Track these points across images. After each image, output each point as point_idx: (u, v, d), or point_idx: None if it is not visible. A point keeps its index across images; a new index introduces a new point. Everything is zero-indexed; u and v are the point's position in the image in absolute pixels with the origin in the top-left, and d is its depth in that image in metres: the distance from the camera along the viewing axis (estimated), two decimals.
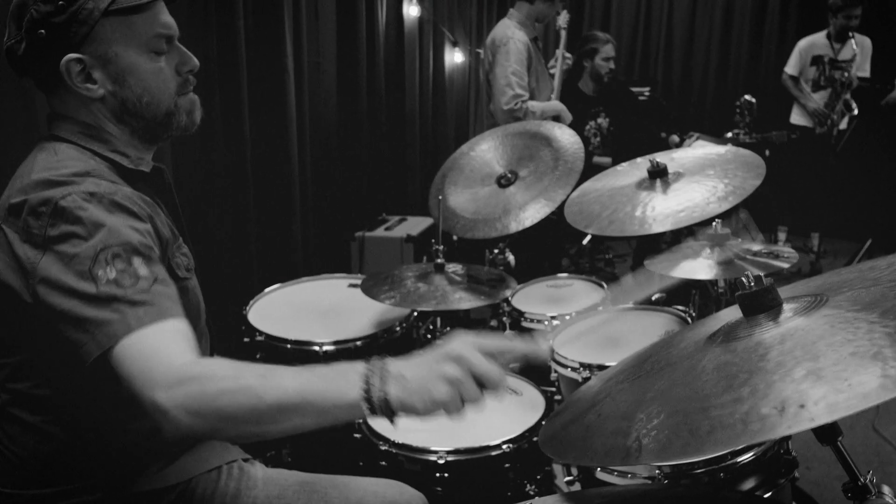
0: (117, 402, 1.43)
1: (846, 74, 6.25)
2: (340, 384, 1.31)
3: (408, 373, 1.31)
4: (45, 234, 1.43)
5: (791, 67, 6.61)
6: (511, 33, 4.61)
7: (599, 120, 5.71)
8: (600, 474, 2.23)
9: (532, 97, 4.64)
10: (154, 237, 1.55)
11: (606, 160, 5.48)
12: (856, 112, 6.24)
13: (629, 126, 5.89)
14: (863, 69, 6.41)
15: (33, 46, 1.54)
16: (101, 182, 1.51)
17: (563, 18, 5.06)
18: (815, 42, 6.51)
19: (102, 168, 1.59)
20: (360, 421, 2.29)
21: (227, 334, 2.25)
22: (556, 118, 4.55)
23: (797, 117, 6.67)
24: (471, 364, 1.31)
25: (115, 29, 1.56)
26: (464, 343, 1.34)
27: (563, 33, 5.03)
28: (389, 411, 1.29)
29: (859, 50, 6.25)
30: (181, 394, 1.29)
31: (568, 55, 5.16)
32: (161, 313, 1.39)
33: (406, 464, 2.16)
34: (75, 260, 1.40)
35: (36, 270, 1.42)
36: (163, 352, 1.35)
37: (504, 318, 3.25)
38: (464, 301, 2.67)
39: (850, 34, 6.22)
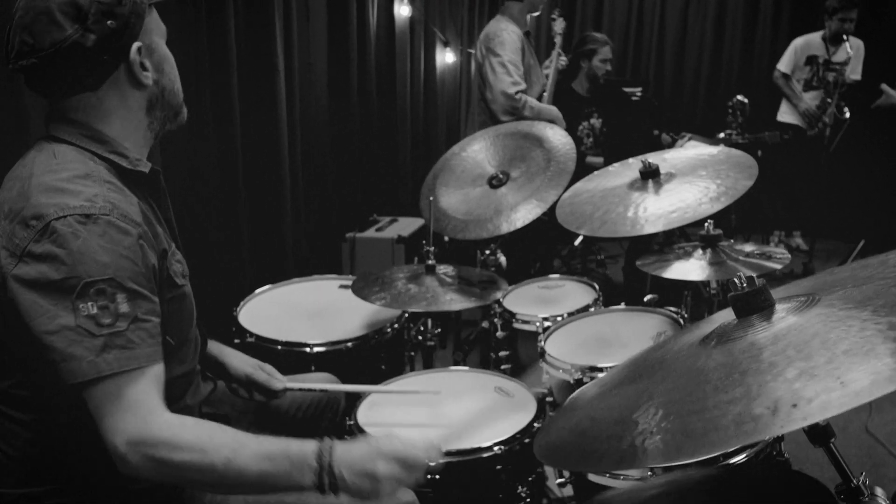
0: None
1: (840, 77, 6.26)
2: (295, 475, 1.48)
3: (349, 476, 1.50)
4: (25, 247, 1.45)
5: (784, 65, 6.61)
6: (504, 26, 4.64)
7: (592, 120, 5.70)
8: (593, 476, 2.23)
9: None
10: (150, 253, 1.57)
11: (599, 160, 5.47)
12: (847, 116, 6.25)
13: (622, 126, 5.88)
14: (855, 72, 6.42)
15: (103, 37, 1.56)
16: (98, 196, 1.51)
17: (559, 25, 5.16)
18: (810, 42, 6.52)
19: (101, 170, 1.59)
20: (351, 422, 2.28)
21: (217, 335, 2.24)
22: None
23: (785, 115, 6.67)
24: (401, 458, 1.55)
25: (152, 20, 1.67)
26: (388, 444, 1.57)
27: (559, 39, 5.07)
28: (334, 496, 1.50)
29: (853, 53, 6.26)
30: (145, 454, 1.41)
31: (563, 57, 5.19)
32: (132, 359, 1.45)
33: None
34: (55, 285, 1.43)
35: (6, 280, 1.46)
36: (132, 403, 1.44)
37: (495, 320, 3.24)
38: (455, 302, 2.65)
39: (845, 37, 6.23)
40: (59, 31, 1.53)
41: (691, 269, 2.59)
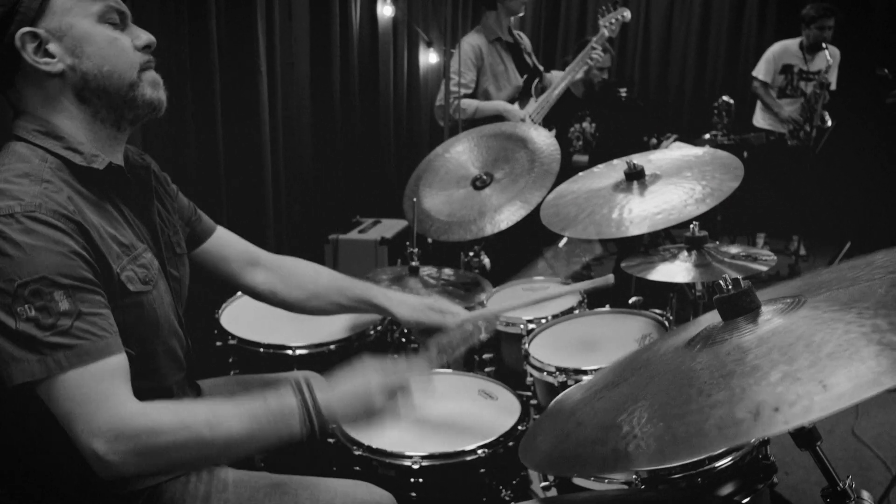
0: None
1: (820, 87, 6.29)
2: (281, 426, 1.50)
3: (338, 409, 1.58)
4: None
5: (762, 73, 6.63)
6: (467, 38, 4.69)
7: (584, 124, 5.70)
8: (577, 480, 2.21)
9: (487, 96, 4.62)
10: (88, 252, 1.47)
11: (583, 159, 5.47)
12: (829, 124, 6.27)
13: (615, 129, 5.88)
14: (830, 81, 6.46)
15: None
16: (26, 193, 1.43)
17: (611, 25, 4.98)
18: (787, 49, 6.54)
19: (45, 168, 1.50)
20: (334, 426, 2.26)
21: (199, 338, 2.22)
22: (500, 118, 4.48)
23: (760, 120, 6.69)
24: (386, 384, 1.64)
25: (67, 1, 1.53)
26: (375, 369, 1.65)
27: (605, 31, 4.92)
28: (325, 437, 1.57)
29: (832, 61, 6.29)
30: (127, 448, 1.36)
31: (597, 52, 4.89)
32: (84, 354, 1.39)
33: (380, 469, 2.12)
34: None
35: None
36: (99, 399, 1.37)
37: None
38: None
39: (824, 45, 6.26)
40: None
41: (677, 270, 2.58)
